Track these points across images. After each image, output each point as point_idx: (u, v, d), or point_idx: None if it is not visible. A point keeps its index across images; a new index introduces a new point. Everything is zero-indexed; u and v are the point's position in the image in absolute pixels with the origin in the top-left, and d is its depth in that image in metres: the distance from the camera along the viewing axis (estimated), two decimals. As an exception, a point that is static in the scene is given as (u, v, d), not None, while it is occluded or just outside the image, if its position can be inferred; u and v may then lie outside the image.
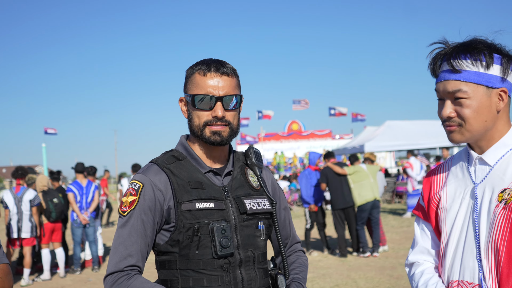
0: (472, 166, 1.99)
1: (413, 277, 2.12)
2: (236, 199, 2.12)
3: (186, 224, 2.01)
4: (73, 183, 10.56)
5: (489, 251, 1.85)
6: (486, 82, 1.86)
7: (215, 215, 2.04)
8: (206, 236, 2.01)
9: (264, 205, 2.18)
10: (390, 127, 23.03)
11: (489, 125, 1.90)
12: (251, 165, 2.26)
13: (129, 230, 2.03)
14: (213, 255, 2.01)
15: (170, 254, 2.06)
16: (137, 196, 2.05)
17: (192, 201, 2.03)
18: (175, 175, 2.07)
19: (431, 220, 2.10)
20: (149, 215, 2.04)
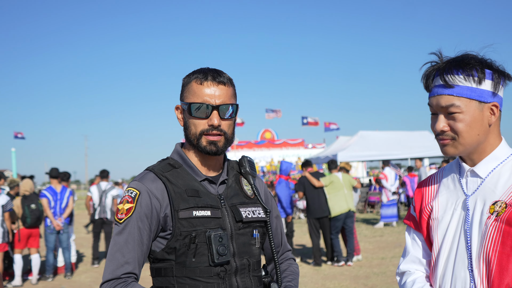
0: (463, 178, 2.05)
1: (405, 286, 2.15)
2: (232, 207, 2.14)
3: (183, 231, 2.02)
4: (47, 189, 10.45)
5: (480, 261, 1.90)
6: (478, 97, 1.92)
7: (211, 223, 2.06)
8: (203, 244, 2.03)
9: (259, 214, 2.20)
10: (363, 137, 23.26)
11: (482, 138, 1.96)
12: (245, 173, 2.28)
13: (126, 238, 2.03)
14: (209, 263, 2.03)
15: (166, 261, 2.06)
16: (134, 203, 2.05)
17: (189, 209, 2.04)
18: (171, 183, 2.08)
19: (422, 230, 2.14)
20: (146, 222, 2.04)
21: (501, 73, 1.97)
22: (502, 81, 1.97)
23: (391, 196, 16.79)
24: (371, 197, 21.77)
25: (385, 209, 17.03)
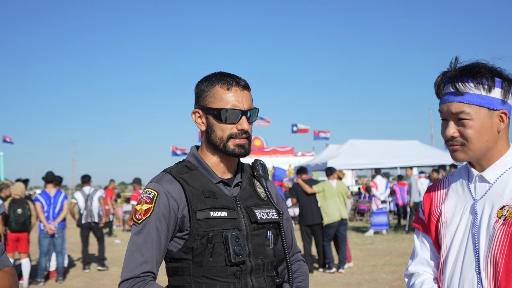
0: (472, 183, 2.11)
1: (413, 287, 2.22)
2: (247, 208, 2.19)
3: (200, 232, 2.06)
4: (41, 193, 10.47)
5: (488, 264, 1.97)
6: (488, 105, 1.99)
7: (228, 224, 2.11)
8: (220, 244, 2.07)
9: (272, 215, 2.26)
10: (353, 145, 23.35)
11: (491, 144, 2.03)
12: (258, 176, 2.33)
13: (145, 237, 2.08)
14: (226, 263, 2.07)
15: (183, 261, 2.11)
16: (152, 204, 2.09)
17: (206, 209, 2.09)
18: (189, 185, 2.13)
19: (431, 233, 2.21)
20: (164, 223, 2.08)
21: (511, 82, 2.04)
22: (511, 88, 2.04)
23: (380, 204, 16.90)
24: (361, 205, 21.87)
25: (375, 217, 17.14)
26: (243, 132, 2.16)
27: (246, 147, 2.18)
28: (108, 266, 12.27)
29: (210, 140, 2.21)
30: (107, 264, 12.36)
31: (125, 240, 18.01)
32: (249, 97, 2.20)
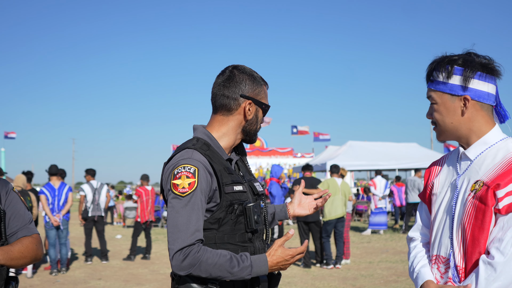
0: (458, 160, 2.39)
1: (409, 250, 2.55)
2: (249, 182, 2.50)
3: (227, 204, 2.33)
4: (46, 185, 10.72)
5: (459, 232, 2.25)
6: (449, 90, 2.28)
7: (243, 196, 2.39)
8: (241, 214, 2.35)
9: (262, 188, 2.60)
10: (352, 147, 23.62)
11: (456, 125, 2.30)
12: (242, 154, 2.64)
13: (191, 209, 2.24)
14: (246, 230, 2.36)
15: (208, 230, 2.32)
16: (196, 178, 2.26)
17: (231, 184, 2.36)
18: (213, 161, 2.36)
19: (426, 203, 2.51)
20: (204, 196, 2.29)
21: (482, 69, 2.26)
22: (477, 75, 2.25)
23: (378, 204, 17.13)
24: (359, 205, 22.10)
25: (373, 217, 17.38)
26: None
27: None
28: (110, 259, 12.53)
29: (248, 129, 2.50)
30: (109, 258, 12.61)
31: (125, 236, 18.25)
32: None
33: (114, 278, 10.23)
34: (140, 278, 10.22)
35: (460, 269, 2.23)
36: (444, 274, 2.30)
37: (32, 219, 2.69)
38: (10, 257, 2.43)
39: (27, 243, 2.55)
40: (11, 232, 2.56)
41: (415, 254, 2.48)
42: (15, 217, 2.59)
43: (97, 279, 10.09)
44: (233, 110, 2.45)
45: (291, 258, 2.36)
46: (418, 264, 2.41)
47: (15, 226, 2.57)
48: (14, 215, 2.59)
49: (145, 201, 12.71)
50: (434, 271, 2.35)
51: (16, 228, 2.57)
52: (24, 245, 2.53)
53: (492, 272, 2.09)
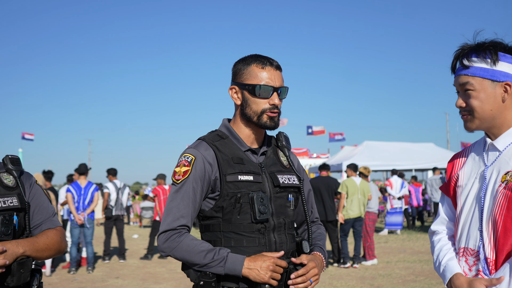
0: (485, 151, 2.34)
1: (433, 243, 2.50)
2: (271, 174, 2.46)
3: (229, 193, 2.34)
4: (72, 184, 10.86)
5: (489, 224, 2.20)
6: (491, 76, 2.22)
7: (253, 187, 2.38)
8: (246, 203, 2.35)
9: (293, 181, 2.53)
10: (368, 147, 23.49)
11: (495, 113, 2.24)
12: (281, 147, 2.61)
13: (182, 196, 2.36)
14: (252, 220, 2.35)
15: (214, 218, 2.38)
16: (190, 167, 2.37)
17: (235, 173, 2.37)
18: (220, 151, 2.41)
19: (450, 195, 2.46)
20: (199, 183, 2.36)
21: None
22: None
23: (394, 204, 17.01)
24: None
25: (389, 217, 17.27)
26: (275, 106, 2.42)
27: (276, 120, 2.44)
28: (127, 259, 12.58)
29: (244, 113, 2.47)
30: (126, 257, 12.67)
31: (142, 235, 18.35)
32: (280, 76, 2.46)
33: (132, 276, 10.27)
34: (158, 276, 10.25)
35: (490, 261, 2.18)
36: (472, 267, 2.26)
37: (55, 212, 2.70)
38: (36, 249, 2.44)
39: (52, 235, 2.56)
40: (35, 225, 2.58)
41: (440, 247, 2.44)
42: (39, 209, 2.60)
43: (115, 278, 10.14)
44: (233, 101, 2.52)
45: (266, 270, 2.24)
46: (445, 257, 2.37)
47: (39, 219, 2.59)
48: (38, 207, 2.60)
49: (163, 200, 12.76)
50: (462, 263, 2.31)
51: (40, 221, 2.59)
52: (49, 237, 2.54)
53: None
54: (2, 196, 2.46)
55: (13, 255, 2.33)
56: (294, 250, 2.48)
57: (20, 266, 2.35)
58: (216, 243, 2.36)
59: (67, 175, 12.98)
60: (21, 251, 2.36)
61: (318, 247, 2.57)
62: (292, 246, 2.47)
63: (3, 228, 2.39)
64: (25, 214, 2.54)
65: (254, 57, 2.47)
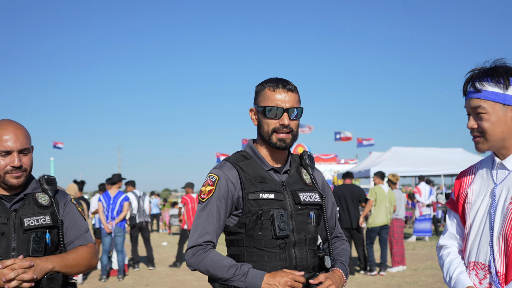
0: (494, 170, 2.43)
1: (441, 257, 2.60)
2: (292, 192, 2.59)
3: (251, 210, 2.49)
4: (104, 194, 11.18)
5: (500, 239, 2.29)
6: (502, 100, 2.32)
7: (275, 204, 2.51)
8: (267, 220, 2.48)
9: (315, 198, 2.64)
10: (396, 153, 23.36)
11: (506, 135, 2.34)
12: (305, 165, 2.73)
13: (207, 213, 2.53)
14: (272, 236, 2.48)
15: (238, 234, 2.53)
16: (214, 186, 2.54)
17: (257, 192, 2.51)
18: (243, 171, 2.56)
19: (458, 211, 2.55)
20: (223, 202, 2.52)
21: None
22: None
23: (424, 211, 16.93)
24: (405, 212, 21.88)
25: (417, 224, 17.18)
26: (284, 126, 2.53)
27: (287, 141, 2.56)
28: (156, 266, 12.80)
29: (260, 133, 2.62)
30: (155, 264, 12.89)
31: (171, 243, 18.58)
32: (293, 98, 2.57)
33: (161, 284, 10.46)
34: (186, 284, 10.42)
35: (501, 275, 2.28)
36: (483, 280, 2.35)
37: (88, 228, 2.88)
38: (65, 264, 2.61)
39: (82, 251, 2.73)
40: (68, 241, 2.76)
41: (450, 261, 2.53)
42: (72, 226, 2.78)
43: (144, 286, 10.35)
44: (252, 122, 2.68)
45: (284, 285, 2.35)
46: (456, 270, 2.46)
47: (72, 235, 2.77)
48: (72, 225, 2.78)
49: (191, 208, 12.95)
50: (472, 277, 2.40)
51: (73, 237, 2.77)
52: (79, 253, 2.71)
53: None
54: (36, 215, 2.64)
55: (42, 271, 2.50)
56: (315, 265, 2.60)
57: (49, 281, 2.52)
58: (240, 257, 2.51)
59: (99, 184, 13.27)
60: (50, 267, 2.53)
61: (340, 263, 2.67)
62: (313, 261, 2.59)
63: (35, 245, 2.57)
64: (58, 231, 2.71)
65: (269, 80, 2.62)
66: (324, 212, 2.67)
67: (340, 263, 2.68)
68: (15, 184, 2.63)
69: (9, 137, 2.60)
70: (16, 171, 2.62)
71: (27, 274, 2.43)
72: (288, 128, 2.55)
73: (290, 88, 2.58)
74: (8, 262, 2.42)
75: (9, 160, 2.61)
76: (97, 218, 12.18)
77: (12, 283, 2.40)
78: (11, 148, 2.59)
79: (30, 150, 2.71)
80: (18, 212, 2.62)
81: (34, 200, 2.69)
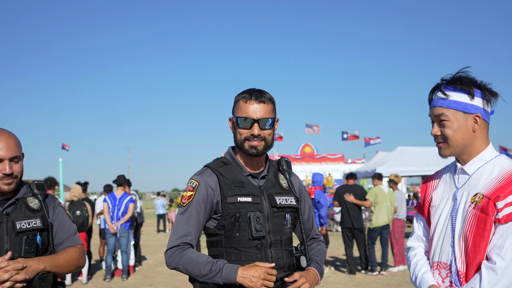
0: (456, 175, 2.59)
1: (409, 258, 2.75)
2: (269, 195, 2.75)
3: (230, 212, 2.66)
4: (109, 195, 11.39)
5: (461, 240, 2.45)
6: (463, 109, 2.47)
7: (252, 207, 2.68)
8: (245, 222, 2.65)
9: (291, 201, 2.81)
10: (402, 152, 23.38)
11: (466, 142, 2.49)
12: (282, 170, 2.89)
13: (187, 217, 2.70)
14: (249, 237, 2.64)
15: (217, 235, 2.70)
16: (194, 192, 2.71)
17: (235, 196, 2.68)
18: (223, 176, 2.73)
19: (424, 215, 2.71)
20: (202, 206, 2.69)
21: (487, 91, 2.50)
22: (488, 97, 2.49)
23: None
24: (409, 211, 21.94)
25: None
26: (254, 136, 2.69)
27: (259, 148, 2.72)
28: (160, 266, 13.02)
29: (235, 141, 2.79)
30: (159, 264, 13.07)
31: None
32: (264, 109, 2.71)
33: (164, 284, 10.62)
34: (189, 285, 10.44)
35: (461, 274, 2.43)
36: (445, 279, 2.50)
37: (76, 230, 3.04)
38: (55, 265, 2.77)
39: (71, 252, 2.90)
40: (58, 242, 2.92)
41: (416, 261, 2.67)
42: (61, 229, 2.95)
43: (148, 285, 10.51)
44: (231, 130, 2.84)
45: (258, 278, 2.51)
46: (420, 270, 2.60)
47: (61, 237, 2.93)
48: (61, 227, 2.95)
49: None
50: (435, 276, 2.55)
51: (62, 239, 2.93)
52: (69, 254, 2.87)
53: (494, 276, 2.30)
54: (27, 218, 2.81)
55: (34, 271, 2.66)
56: (291, 264, 2.76)
57: (41, 281, 2.68)
58: (219, 257, 2.68)
59: (104, 185, 13.47)
60: (41, 267, 2.69)
61: (315, 263, 2.83)
62: (289, 261, 2.74)
63: (27, 246, 2.74)
64: (48, 234, 2.88)
65: (244, 92, 2.76)
66: (300, 215, 2.82)
67: (316, 263, 2.83)
68: (6, 191, 2.79)
69: (1, 146, 2.75)
70: (7, 178, 2.78)
71: (20, 275, 2.59)
72: (259, 137, 2.70)
73: (262, 100, 2.72)
74: (2, 264, 2.58)
75: (0, 167, 2.76)
76: (102, 219, 12.37)
77: (6, 284, 2.56)
78: (2, 156, 2.75)
79: (21, 158, 2.86)
80: (10, 215, 2.78)
81: (25, 204, 2.85)
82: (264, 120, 2.71)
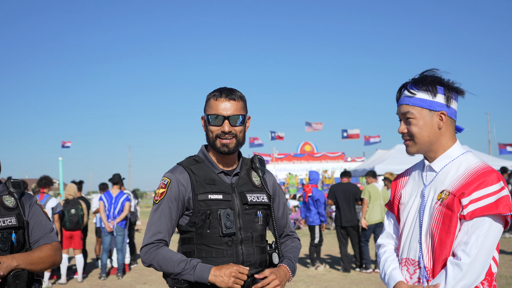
0: (424, 172, 2.62)
1: (379, 255, 2.78)
2: (240, 193, 2.77)
3: (201, 210, 2.69)
4: (105, 193, 11.41)
5: (428, 237, 2.48)
6: (428, 106, 2.50)
7: (223, 204, 2.71)
8: (215, 219, 2.68)
9: (262, 199, 2.83)
10: (401, 151, 23.43)
11: (432, 139, 2.52)
12: (255, 168, 2.92)
13: (159, 214, 2.73)
14: (220, 234, 2.67)
15: (189, 232, 2.74)
16: (166, 189, 2.74)
17: (206, 193, 2.71)
18: (194, 174, 2.75)
19: (394, 212, 2.74)
20: (174, 203, 2.72)
21: (452, 89, 2.52)
22: (453, 95, 2.52)
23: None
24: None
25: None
26: (225, 133, 2.72)
27: (230, 146, 2.74)
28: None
29: (207, 139, 2.81)
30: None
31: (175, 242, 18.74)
32: (235, 106, 2.74)
33: (159, 282, 10.65)
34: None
35: (428, 270, 2.46)
36: (413, 275, 2.53)
37: (53, 228, 3.06)
38: (29, 262, 2.80)
39: (46, 249, 2.92)
40: (34, 240, 2.95)
41: (385, 258, 2.70)
42: (37, 227, 2.97)
43: (143, 283, 10.55)
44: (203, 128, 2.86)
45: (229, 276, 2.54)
46: (389, 267, 2.63)
47: (37, 235, 2.96)
48: (37, 225, 2.97)
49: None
50: (404, 272, 2.58)
51: (38, 237, 2.96)
52: (43, 251, 2.90)
53: (459, 271, 2.33)
54: (2, 216, 2.84)
55: (8, 268, 2.69)
56: (263, 261, 2.79)
57: (15, 278, 2.71)
58: (191, 254, 2.70)
59: (99, 184, 13.52)
60: (15, 264, 2.72)
61: (287, 259, 2.85)
62: (260, 258, 2.77)
63: (1, 244, 2.77)
64: (24, 232, 2.90)
65: (215, 90, 2.79)
66: (272, 212, 2.84)
67: (288, 260, 2.85)
68: None
69: None
70: None
71: None
72: (230, 134, 2.72)
73: (232, 97, 2.75)
74: None
75: None
76: (98, 217, 12.40)
77: None
78: None
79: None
80: None
81: (0, 203, 2.88)
82: (235, 117, 2.73)
